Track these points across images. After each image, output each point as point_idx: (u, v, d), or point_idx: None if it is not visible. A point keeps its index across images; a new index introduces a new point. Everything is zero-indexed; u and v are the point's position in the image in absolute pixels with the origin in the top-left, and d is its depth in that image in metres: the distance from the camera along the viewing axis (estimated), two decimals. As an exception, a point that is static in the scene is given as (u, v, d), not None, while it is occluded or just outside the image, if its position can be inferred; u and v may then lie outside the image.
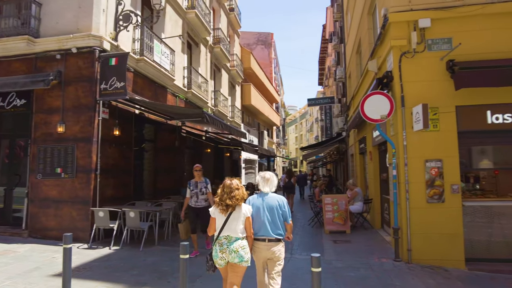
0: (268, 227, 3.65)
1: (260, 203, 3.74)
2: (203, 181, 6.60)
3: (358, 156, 12.55)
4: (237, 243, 3.52)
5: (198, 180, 6.57)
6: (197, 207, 6.48)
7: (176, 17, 12.01)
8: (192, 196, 6.51)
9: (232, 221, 3.56)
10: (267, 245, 3.65)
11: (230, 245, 3.51)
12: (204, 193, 6.52)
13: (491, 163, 6.62)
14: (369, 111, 6.52)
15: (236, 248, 3.49)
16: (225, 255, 3.51)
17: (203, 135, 14.09)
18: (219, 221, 3.61)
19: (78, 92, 7.67)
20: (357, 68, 12.20)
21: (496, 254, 6.03)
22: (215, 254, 3.58)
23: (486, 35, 6.03)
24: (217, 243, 3.59)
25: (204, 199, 6.52)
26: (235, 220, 3.57)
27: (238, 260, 3.47)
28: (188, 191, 6.54)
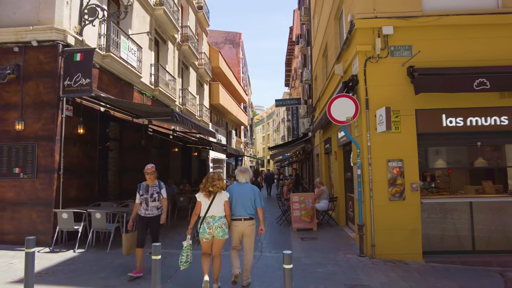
0: (243, 209, 4.71)
1: (238, 190, 4.80)
2: (156, 185, 5.48)
3: (324, 156, 12.96)
4: (221, 220, 4.59)
5: (150, 184, 5.46)
6: (146, 216, 5.33)
7: (144, 13, 11.73)
8: (142, 203, 5.37)
9: (215, 204, 4.59)
10: (243, 222, 4.71)
11: (215, 223, 4.54)
12: (157, 199, 5.39)
13: (445, 163, 7.15)
14: (335, 113, 6.79)
15: (220, 225, 4.56)
16: (211, 230, 4.54)
17: (171, 134, 13.87)
18: (204, 205, 4.61)
19: (39, 88, 7.29)
20: (323, 71, 12.58)
21: (449, 247, 6.53)
22: (203, 230, 4.56)
23: (442, 44, 6.50)
24: (205, 222, 4.57)
25: (156, 206, 5.39)
26: (217, 203, 4.60)
27: (222, 234, 4.55)
28: (138, 196, 5.39)
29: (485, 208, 6.60)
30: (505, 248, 6.49)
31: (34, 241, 4.13)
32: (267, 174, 24.76)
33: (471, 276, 5.45)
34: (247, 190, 4.79)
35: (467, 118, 6.37)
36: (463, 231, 6.57)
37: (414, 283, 4.97)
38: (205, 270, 4.53)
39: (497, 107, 6.36)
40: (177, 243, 7.57)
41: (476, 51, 6.44)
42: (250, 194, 4.76)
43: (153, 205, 5.36)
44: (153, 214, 5.37)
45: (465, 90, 6.01)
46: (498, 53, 6.39)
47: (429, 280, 5.13)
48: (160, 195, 5.49)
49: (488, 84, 5.87)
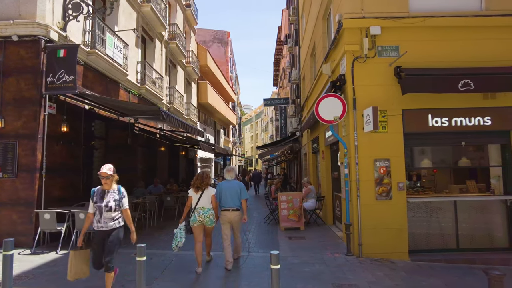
0: (231, 202, 5.71)
1: (227, 186, 5.82)
2: (114, 191, 4.37)
3: (311, 155, 13.01)
4: (209, 212, 5.52)
5: (107, 189, 4.34)
6: (100, 231, 4.26)
7: (131, 9, 11.53)
8: (95, 213, 4.30)
9: (204, 198, 5.52)
10: (231, 213, 5.71)
11: (204, 213, 5.48)
12: (113, 209, 4.26)
13: (430, 162, 7.25)
14: (323, 113, 6.80)
15: (208, 216, 5.50)
16: (201, 219, 5.48)
17: (158, 132, 13.69)
18: (195, 198, 5.55)
19: (20, 84, 7.07)
20: (311, 71, 12.62)
21: (435, 245, 6.63)
22: (193, 218, 5.49)
23: (428, 45, 6.59)
24: (195, 211, 5.51)
25: (112, 218, 4.26)
26: (205, 197, 5.53)
27: (210, 223, 5.52)
28: (91, 204, 4.36)
29: (469, 207, 6.73)
30: (488, 246, 6.63)
31: (12, 243, 4.00)
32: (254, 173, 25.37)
33: (456, 274, 5.53)
34: (235, 185, 5.83)
35: (452, 118, 6.47)
36: (448, 229, 6.68)
37: (400, 282, 5.02)
38: (199, 262, 5.46)
39: (481, 107, 6.48)
40: (164, 243, 7.47)
41: (460, 52, 6.54)
42: (237, 188, 5.80)
43: (108, 216, 4.24)
44: (107, 228, 4.24)
45: (450, 90, 6.10)
46: (482, 55, 6.51)
47: (415, 278, 5.18)
48: (120, 204, 4.36)
49: (472, 85, 5.97)
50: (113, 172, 4.44)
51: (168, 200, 11.00)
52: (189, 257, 6.31)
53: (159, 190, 11.85)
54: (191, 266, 5.73)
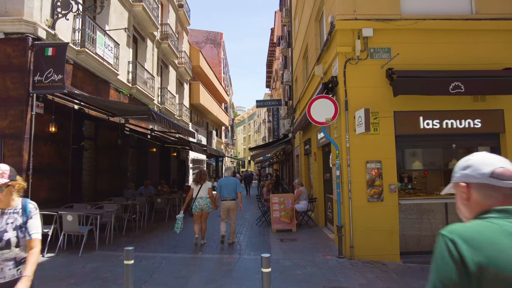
0: (228, 193, 7.36)
1: (225, 181, 7.56)
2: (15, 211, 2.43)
3: (303, 156, 13.00)
4: (206, 200, 7.28)
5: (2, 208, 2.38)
6: None
7: (122, 9, 11.40)
8: None
9: (202, 189, 7.28)
10: (228, 202, 7.35)
11: (203, 202, 7.23)
12: (13, 244, 2.32)
13: (421, 164, 7.29)
14: (315, 114, 6.78)
15: (206, 203, 7.26)
16: (200, 206, 7.21)
17: (148, 133, 13.55)
18: (195, 190, 7.31)
19: (7, 83, 6.90)
20: (303, 73, 12.63)
21: (426, 247, 6.64)
22: (195, 207, 7.23)
23: (419, 47, 6.62)
24: (196, 201, 7.22)
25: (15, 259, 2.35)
26: (204, 189, 7.29)
27: (207, 209, 7.26)
28: None
29: (459, 209, 6.75)
30: (478, 247, 6.65)
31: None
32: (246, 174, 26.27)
33: (446, 276, 5.54)
34: (231, 181, 7.58)
35: (443, 121, 6.50)
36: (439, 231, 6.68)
37: (392, 284, 5.00)
38: (196, 231, 7.27)
39: (471, 110, 6.53)
40: (154, 246, 7.37)
41: (451, 55, 6.59)
42: (233, 183, 7.52)
43: (4, 257, 2.31)
44: (4, 279, 2.31)
45: (441, 93, 6.13)
46: (472, 58, 6.56)
47: (406, 281, 5.18)
48: (25, 234, 2.40)
49: (463, 87, 6.00)
50: (11, 176, 2.36)
51: (159, 202, 10.87)
52: (178, 260, 6.22)
53: (150, 192, 11.72)
54: (181, 269, 5.65)
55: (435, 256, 1.12)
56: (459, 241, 1.06)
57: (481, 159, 1.24)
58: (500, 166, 1.19)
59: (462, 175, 1.26)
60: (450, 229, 1.13)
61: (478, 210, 1.19)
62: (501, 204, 1.14)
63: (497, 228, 1.07)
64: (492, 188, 1.16)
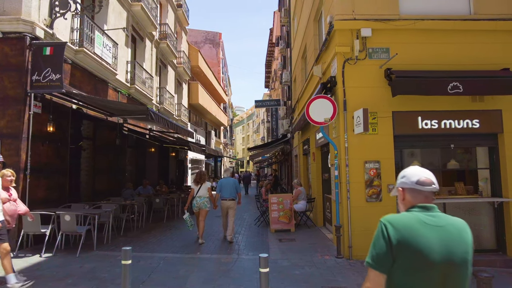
0: (228, 193, 7.82)
1: (225, 182, 7.98)
2: None
3: (302, 157, 13.00)
4: (204, 199, 7.66)
5: None
6: None
7: (120, 8, 11.38)
8: None
9: (202, 189, 7.68)
10: (227, 201, 7.80)
11: (201, 200, 7.61)
12: None
13: (420, 164, 7.25)
14: (313, 114, 6.78)
15: (203, 202, 7.63)
16: (198, 204, 7.62)
17: (147, 133, 13.53)
18: (195, 189, 7.71)
19: (4, 82, 6.88)
20: (302, 73, 12.63)
21: (424, 247, 6.64)
22: (194, 205, 7.66)
23: (418, 47, 6.62)
24: (195, 199, 7.64)
25: None
26: (203, 189, 7.69)
27: (204, 207, 7.63)
28: None
29: (457, 209, 6.77)
30: (475, 247, 6.60)
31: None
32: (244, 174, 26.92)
33: (444, 276, 5.54)
34: (231, 182, 8.01)
35: (442, 121, 6.51)
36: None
37: (389, 284, 4.99)
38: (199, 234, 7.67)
39: (469, 110, 6.54)
40: (152, 246, 7.35)
41: (450, 55, 6.60)
42: (232, 184, 7.96)
43: None
44: None
45: (440, 93, 6.13)
46: (470, 58, 6.58)
47: (404, 281, 5.17)
48: None
49: (461, 88, 6.01)
50: None
51: (157, 202, 10.85)
52: (177, 260, 6.21)
53: (148, 192, 11.70)
54: (179, 269, 5.64)
55: (375, 234, 1.65)
56: (388, 225, 1.60)
57: (412, 171, 1.74)
58: (424, 176, 1.69)
59: (400, 182, 1.78)
60: (385, 217, 1.67)
61: (408, 206, 1.72)
62: (422, 202, 1.68)
63: (414, 218, 1.61)
64: (417, 191, 1.69)
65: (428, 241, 1.54)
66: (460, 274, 1.56)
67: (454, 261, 1.54)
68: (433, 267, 1.52)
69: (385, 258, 1.57)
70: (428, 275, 1.53)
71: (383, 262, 1.58)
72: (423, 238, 1.54)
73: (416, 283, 1.54)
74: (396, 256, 1.55)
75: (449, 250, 1.55)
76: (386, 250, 1.56)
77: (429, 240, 1.54)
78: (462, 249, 1.58)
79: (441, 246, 1.55)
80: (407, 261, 1.54)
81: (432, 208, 1.66)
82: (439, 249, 1.54)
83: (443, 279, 1.53)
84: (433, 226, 1.59)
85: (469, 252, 1.61)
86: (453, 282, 1.55)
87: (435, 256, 1.52)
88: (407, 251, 1.53)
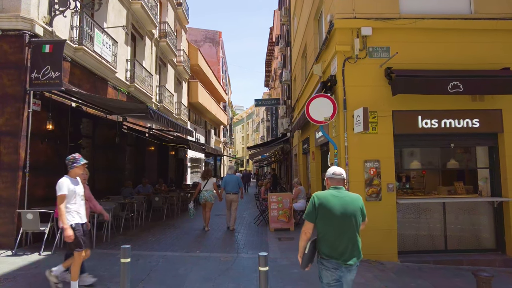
0: (231, 188, 9.01)
1: (229, 178, 9.19)
2: None
3: (302, 156, 12.99)
4: (210, 193, 8.79)
5: None
6: None
7: (120, 6, 11.34)
8: None
9: (208, 184, 8.86)
10: (231, 195, 8.99)
11: (207, 194, 8.74)
12: None
13: (419, 164, 7.28)
14: (313, 113, 6.75)
15: (209, 195, 8.76)
16: (205, 197, 8.74)
17: (146, 132, 13.50)
18: (202, 184, 8.87)
19: (3, 79, 6.85)
20: (302, 72, 12.61)
21: (423, 246, 6.65)
22: (201, 197, 8.79)
23: (418, 47, 6.61)
24: (202, 193, 8.76)
25: None
26: (209, 183, 8.88)
27: (210, 200, 8.77)
28: None
29: (457, 208, 6.78)
30: (475, 247, 6.68)
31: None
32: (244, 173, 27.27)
33: (444, 275, 5.54)
34: (234, 178, 9.21)
35: (442, 120, 6.50)
36: (436, 231, 6.71)
37: (389, 283, 5.00)
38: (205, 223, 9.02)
39: (469, 110, 6.53)
40: (151, 244, 7.34)
41: (450, 54, 6.59)
42: (235, 180, 9.18)
43: None
44: None
45: (440, 92, 6.12)
46: (470, 58, 6.57)
47: (404, 280, 5.17)
48: None
49: (461, 87, 6.01)
50: None
51: (156, 201, 10.83)
52: (176, 259, 6.20)
53: (147, 190, 11.67)
54: (178, 268, 5.62)
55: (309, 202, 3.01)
56: (315, 197, 2.96)
57: (331, 168, 3.12)
58: (337, 170, 3.07)
59: (327, 174, 3.14)
60: (315, 193, 3.02)
61: (329, 187, 3.07)
62: (335, 185, 3.04)
63: (329, 192, 2.99)
64: (332, 179, 3.07)
65: (334, 204, 2.91)
66: (350, 222, 2.90)
67: (346, 214, 2.89)
68: (335, 218, 2.89)
69: (312, 214, 2.96)
70: (333, 222, 2.90)
71: (311, 216, 2.97)
72: (331, 202, 2.92)
73: (327, 226, 2.92)
74: (318, 212, 2.94)
75: (344, 208, 2.90)
76: (313, 209, 2.96)
77: (334, 204, 2.91)
78: (353, 208, 2.92)
79: (340, 206, 2.91)
80: (323, 215, 2.92)
81: (340, 188, 3.04)
82: (339, 208, 2.90)
83: (342, 224, 2.89)
84: (338, 197, 2.95)
85: (357, 210, 2.94)
86: (347, 225, 2.90)
87: (336, 211, 2.89)
88: (323, 209, 2.92)
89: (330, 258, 2.90)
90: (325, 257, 2.92)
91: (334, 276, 2.92)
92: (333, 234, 2.89)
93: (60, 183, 4.35)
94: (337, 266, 2.88)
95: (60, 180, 4.38)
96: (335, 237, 2.88)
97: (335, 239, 2.88)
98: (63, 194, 4.29)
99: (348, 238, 2.88)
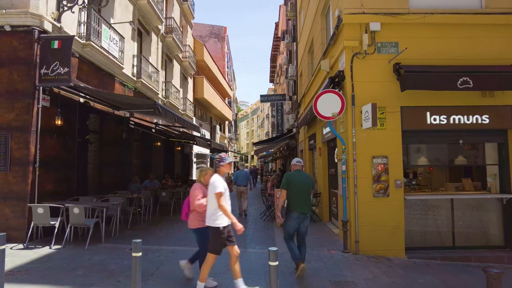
0: (242, 181, 10.93)
1: (239, 173, 11.15)
2: None
3: (308, 152, 12.97)
4: None
5: None
6: None
7: (127, 2, 11.36)
8: None
9: None
10: (241, 188, 10.85)
11: None
12: None
13: (427, 160, 7.24)
14: (321, 109, 6.73)
15: None
16: None
17: (153, 127, 13.56)
18: None
19: (13, 75, 6.91)
20: (308, 67, 12.55)
21: (430, 243, 6.64)
22: None
23: (427, 42, 6.55)
24: None
25: None
26: None
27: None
28: None
29: (465, 205, 6.74)
30: (483, 244, 6.66)
31: (4, 237, 3.90)
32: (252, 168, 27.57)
33: (452, 272, 5.54)
34: (243, 173, 11.09)
35: (451, 116, 6.45)
36: (444, 227, 6.69)
37: (397, 279, 5.01)
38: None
39: (479, 106, 6.47)
40: (159, 239, 7.41)
41: (460, 50, 6.52)
42: (244, 174, 11.04)
43: None
44: None
45: (449, 88, 6.07)
46: (481, 53, 6.49)
47: (411, 276, 5.18)
48: None
49: (471, 83, 5.95)
50: None
51: (163, 196, 10.91)
52: (185, 253, 6.24)
53: (154, 185, 11.76)
54: (187, 262, 5.66)
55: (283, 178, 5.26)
56: (288, 175, 5.23)
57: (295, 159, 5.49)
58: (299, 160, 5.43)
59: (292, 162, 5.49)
60: (287, 173, 5.52)
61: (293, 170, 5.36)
62: (297, 169, 5.33)
63: (294, 173, 5.30)
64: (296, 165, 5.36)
65: (297, 179, 5.12)
66: (306, 190, 5.14)
67: (304, 185, 5.13)
68: (297, 186, 5.07)
69: (286, 185, 5.08)
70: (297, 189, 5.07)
71: (285, 186, 5.08)
72: (296, 178, 5.14)
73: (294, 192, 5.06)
74: (289, 184, 5.07)
75: (302, 181, 5.13)
76: (287, 182, 5.08)
77: (297, 179, 5.12)
78: (307, 182, 5.20)
79: (301, 180, 5.13)
80: (291, 185, 5.06)
81: (300, 170, 5.28)
82: (299, 181, 5.11)
83: (301, 190, 5.09)
84: (299, 175, 5.18)
85: (310, 183, 5.24)
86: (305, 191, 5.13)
87: (298, 183, 5.09)
88: (291, 182, 5.08)
89: (295, 211, 5.01)
90: (293, 210, 5.02)
91: (296, 224, 5.05)
92: (296, 196, 5.04)
93: (215, 181, 4.23)
94: (298, 216, 5.01)
95: (214, 179, 4.27)
96: (297, 198, 5.04)
97: (298, 199, 5.04)
98: (221, 192, 4.19)
99: (304, 199, 5.09)
